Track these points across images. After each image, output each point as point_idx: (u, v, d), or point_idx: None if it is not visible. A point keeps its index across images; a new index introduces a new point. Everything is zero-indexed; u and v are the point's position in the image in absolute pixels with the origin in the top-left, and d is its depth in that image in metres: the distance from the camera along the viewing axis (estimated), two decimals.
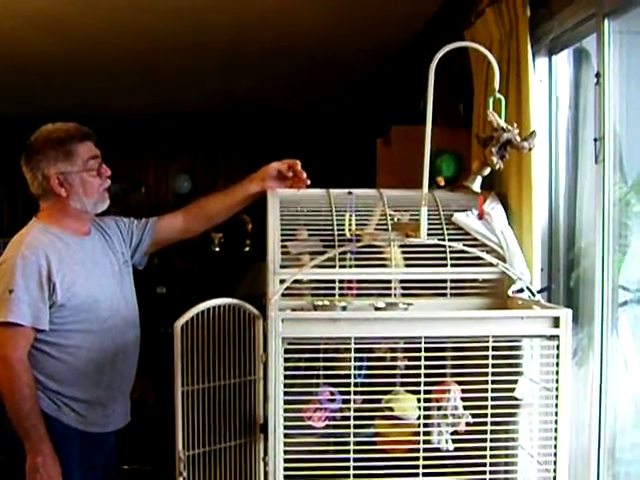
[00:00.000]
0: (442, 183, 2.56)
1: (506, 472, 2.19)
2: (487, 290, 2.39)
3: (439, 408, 2.13)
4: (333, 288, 2.40)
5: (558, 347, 1.92)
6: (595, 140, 2.24)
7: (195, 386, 2.33)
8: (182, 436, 2.29)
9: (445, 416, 2.11)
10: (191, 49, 5.00)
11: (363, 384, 2.08)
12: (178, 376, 2.29)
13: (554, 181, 2.70)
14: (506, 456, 2.17)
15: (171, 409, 2.82)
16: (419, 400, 2.06)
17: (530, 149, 1.99)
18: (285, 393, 1.93)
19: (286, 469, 1.92)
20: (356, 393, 2.08)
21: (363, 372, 2.12)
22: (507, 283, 2.37)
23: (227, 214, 2.73)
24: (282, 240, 2.47)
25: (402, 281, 2.42)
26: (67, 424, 2.46)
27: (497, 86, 2.00)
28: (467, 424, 2.11)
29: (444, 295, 2.38)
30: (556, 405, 1.94)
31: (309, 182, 2.60)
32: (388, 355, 2.24)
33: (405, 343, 2.06)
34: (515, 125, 1.99)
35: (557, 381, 1.93)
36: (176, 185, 7.09)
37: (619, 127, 2.34)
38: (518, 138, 1.97)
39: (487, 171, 2.05)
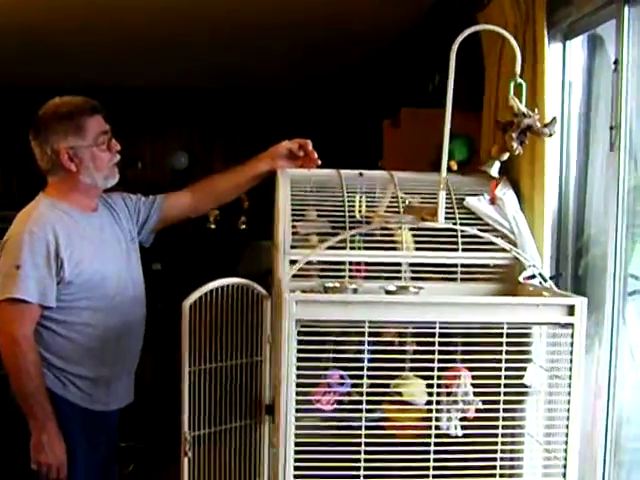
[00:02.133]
0: (455, 167, 2.54)
1: (512, 459, 2.18)
2: (497, 276, 2.38)
3: (449, 394, 2.12)
4: (341, 270, 2.38)
5: (573, 335, 1.91)
6: (611, 128, 2.22)
7: (201, 366, 2.32)
8: (188, 417, 2.28)
9: (455, 402, 2.10)
10: (191, 22, 4.93)
11: (373, 368, 2.06)
12: (185, 356, 2.27)
13: (565, 168, 2.68)
14: (513, 443, 2.18)
15: (170, 387, 2.78)
16: (430, 385, 2.05)
17: (550, 135, 1.97)
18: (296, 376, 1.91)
19: (297, 452, 1.90)
20: (366, 377, 2.08)
21: (373, 356, 2.11)
22: (518, 269, 2.36)
23: (236, 193, 2.71)
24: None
25: (412, 265, 2.41)
26: (72, 402, 2.44)
27: (518, 70, 1.97)
28: (477, 410, 2.10)
29: (454, 280, 2.37)
30: (569, 393, 1.93)
31: (320, 162, 2.58)
32: (396, 340, 2.23)
33: (414, 328, 2.04)
34: (536, 111, 1.97)
35: (570, 369, 1.92)
36: (173, 161, 7.04)
37: (634, 116, 2.32)
38: (538, 124, 1.95)
39: (506, 156, 2.03)
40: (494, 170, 2.07)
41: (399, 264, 2.40)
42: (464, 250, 2.35)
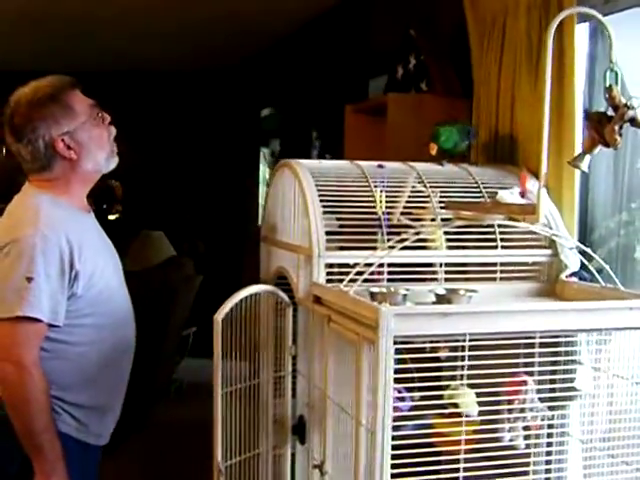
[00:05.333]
0: (433, 152, 2.42)
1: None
2: (534, 274, 2.25)
3: (510, 403, 1.98)
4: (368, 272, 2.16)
5: None
6: None
7: (231, 387, 2.04)
8: (222, 444, 1.99)
9: (522, 411, 1.96)
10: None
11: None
12: (218, 376, 1.98)
13: None
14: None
15: None
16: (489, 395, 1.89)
17: None
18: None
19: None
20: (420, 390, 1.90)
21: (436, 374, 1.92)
22: (555, 266, 2.25)
23: None
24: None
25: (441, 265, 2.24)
26: (67, 434, 2.05)
27: (614, 59, 1.83)
28: (542, 419, 1.98)
29: (493, 279, 2.21)
30: None
31: None
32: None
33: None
34: (639, 102, 1.84)
35: None
36: None
37: None
38: None
39: (597, 150, 1.90)
40: (585, 165, 1.93)
41: (428, 265, 2.23)
42: (503, 247, 2.21)
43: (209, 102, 7.29)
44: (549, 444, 2.09)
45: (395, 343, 1.67)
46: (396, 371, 2.00)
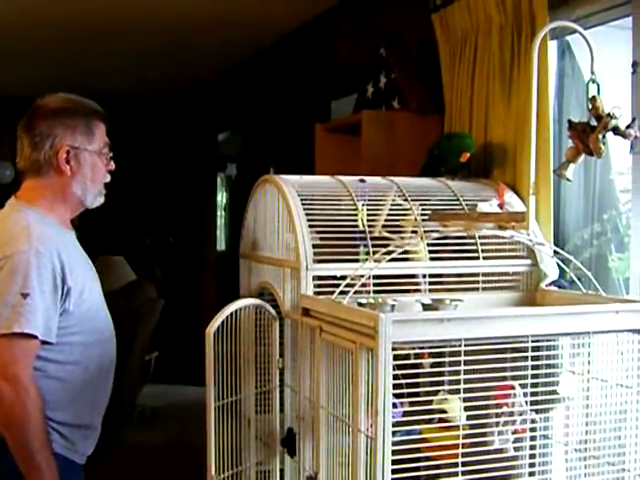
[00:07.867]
0: (466, 158, 2.47)
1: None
2: (514, 283, 2.30)
3: (499, 408, 2.02)
4: (352, 285, 2.18)
5: None
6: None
7: (223, 400, 2.04)
8: (215, 459, 1.98)
9: (511, 416, 1.99)
10: (31, 25, 4.50)
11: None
12: (211, 389, 1.98)
13: None
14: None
15: None
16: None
17: (636, 137, 1.91)
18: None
19: None
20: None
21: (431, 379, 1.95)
22: (535, 275, 2.30)
23: None
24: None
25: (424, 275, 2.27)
26: (56, 452, 2.01)
27: (596, 71, 1.89)
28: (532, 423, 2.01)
29: (475, 290, 2.25)
30: None
31: None
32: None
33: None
34: (620, 112, 1.90)
35: None
36: None
37: None
38: (622, 126, 1.88)
39: (581, 159, 1.95)
40: (569, 174, 1.98)
41: (414, 276, 2.26)
42: (484, 258, 2.25)
43: (166, 127, 7.29)
44: (532, 447, 2.11)
45: (393, 350, 1.70)
46: None
